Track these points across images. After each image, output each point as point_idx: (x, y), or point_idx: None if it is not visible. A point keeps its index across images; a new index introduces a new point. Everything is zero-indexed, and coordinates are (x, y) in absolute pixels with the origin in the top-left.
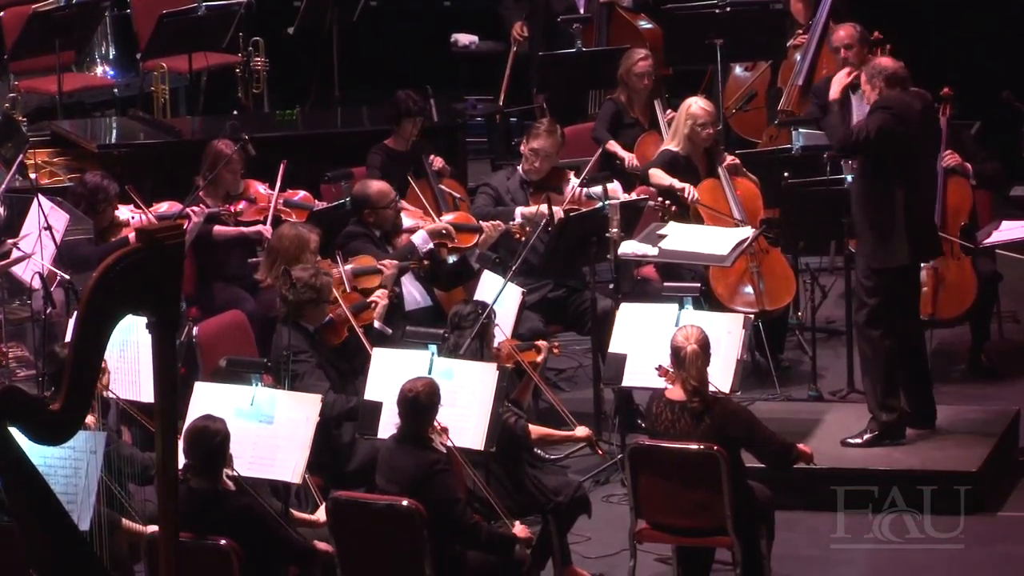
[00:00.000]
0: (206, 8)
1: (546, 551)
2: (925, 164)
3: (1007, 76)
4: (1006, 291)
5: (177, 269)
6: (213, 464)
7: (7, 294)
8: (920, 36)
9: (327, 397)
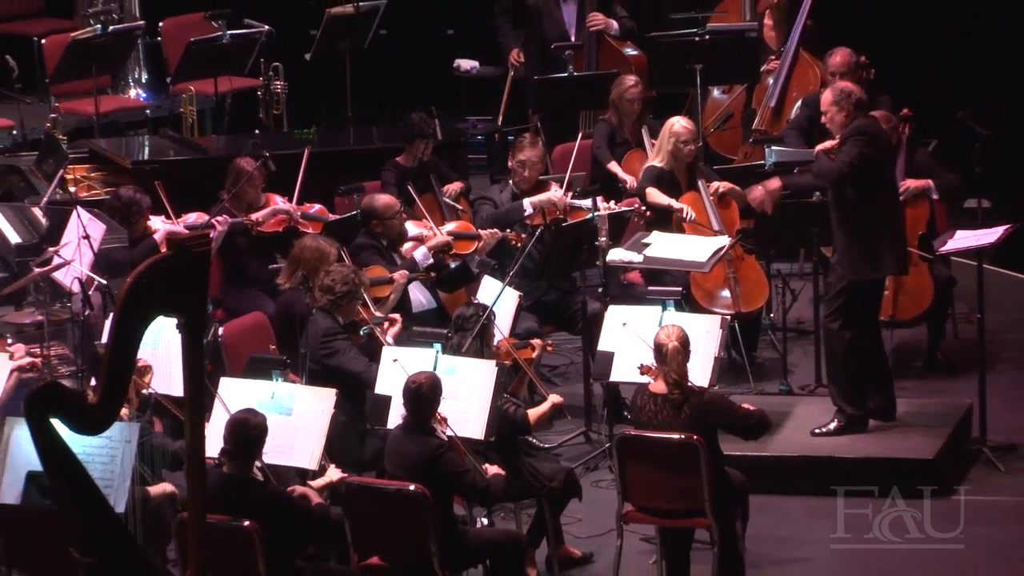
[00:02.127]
0: (230, 36)
1: (541, 531)
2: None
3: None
4: (960, 294)
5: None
6: (248, 453)
7: (49, 297)
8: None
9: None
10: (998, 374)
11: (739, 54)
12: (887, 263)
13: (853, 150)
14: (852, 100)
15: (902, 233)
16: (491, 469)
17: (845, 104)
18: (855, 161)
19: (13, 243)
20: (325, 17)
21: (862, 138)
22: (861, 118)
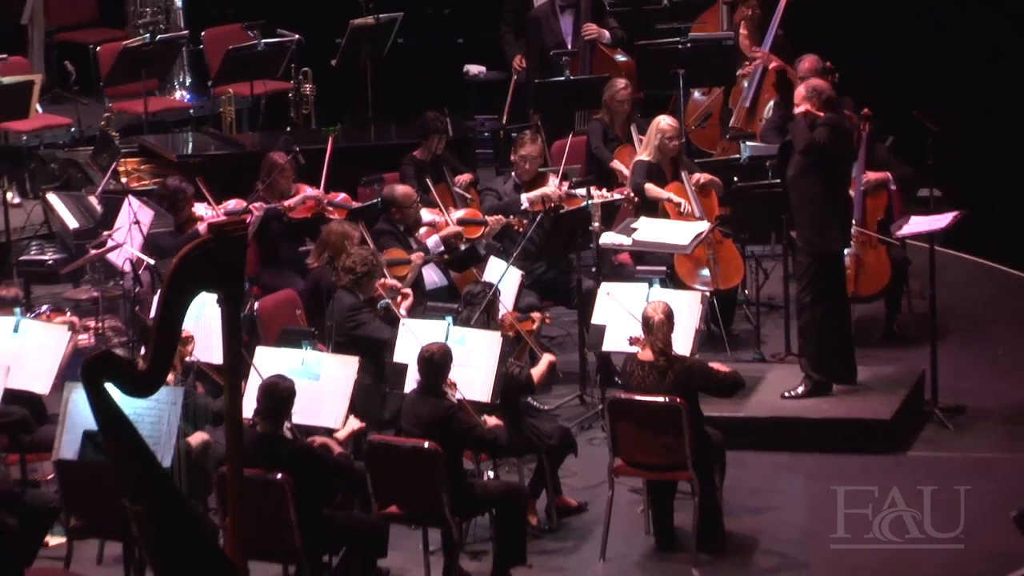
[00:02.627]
0: (264, 44)
1: (540, 483)
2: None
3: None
4: (914, 273)
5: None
6: (278, 413)
7: (103, 276)
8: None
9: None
10: (948, 344)
11: (717, 60)
12: (835, 238)
13: (822, 135)
14: (823, 97)
15: (848, 215)
16: (490, 420)
17: (814, 99)
18: (822, 142)
19: (72, 228)
20: (349, 28)
21: (828, 128)
22: (832, 114)
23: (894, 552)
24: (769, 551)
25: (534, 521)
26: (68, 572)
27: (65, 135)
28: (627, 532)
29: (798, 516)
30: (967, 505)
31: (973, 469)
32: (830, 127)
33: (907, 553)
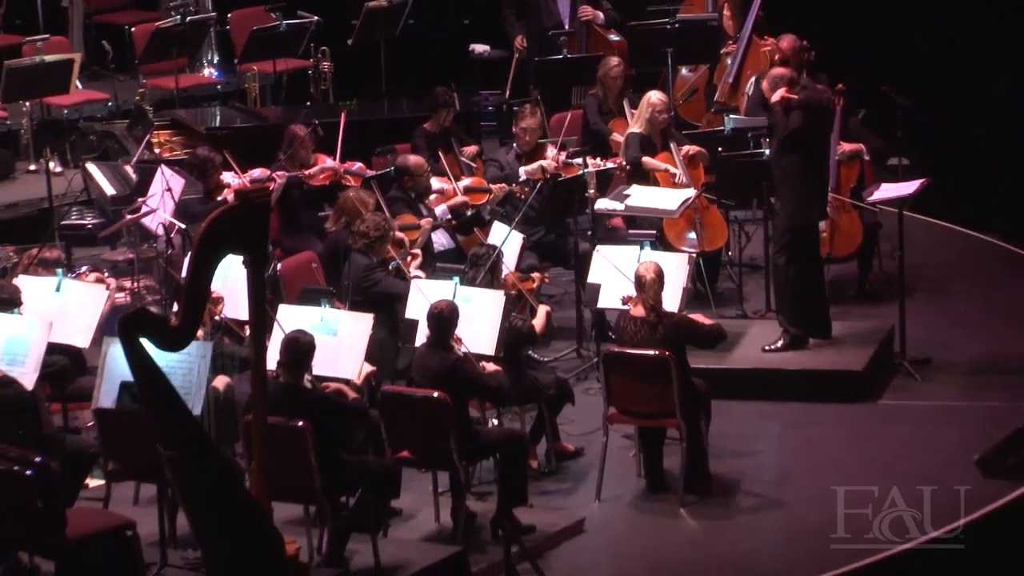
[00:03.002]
0: (286, 25)
1: (540, 430)
2: (827, 142)
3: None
4: (884, 236)
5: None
6: (299, 365)
7: (138, 239)
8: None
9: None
10: (915, 301)
11: (703, 39)
12: (815, 211)
13: (797, 120)
14: (785, 80)
15: (826, 187)
16: (488, 367)
17: (781, 84)
18: (800, 127)
19: (109, 194)
20: (364, 10)
21: (803, 111)
22: (809, 90)
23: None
24: (750, 492)
25: (535, 465)
26: (107, 512)
27: (103, 109)
28: (620, 475)
29: (777, 460)
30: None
31: (939, 416)
32: (805, 108)
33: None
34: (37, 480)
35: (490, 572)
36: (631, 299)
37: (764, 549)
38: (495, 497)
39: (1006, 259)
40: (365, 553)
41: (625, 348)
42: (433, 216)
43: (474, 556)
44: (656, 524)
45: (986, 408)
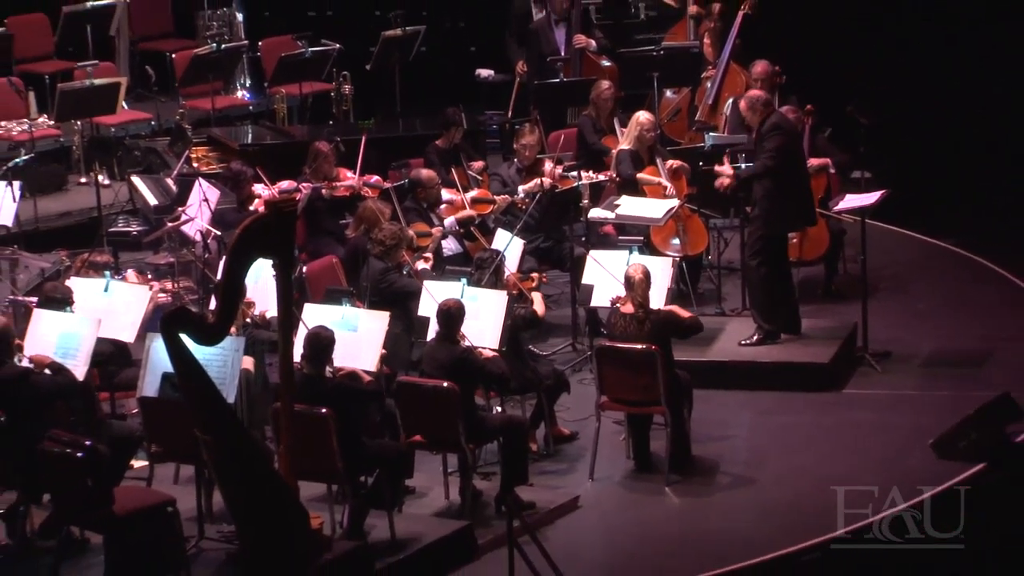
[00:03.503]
0: (311, 52)
1: (539, 416)
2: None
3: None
4: (849, 242)
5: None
6: (321, 358)
7: (178, 244)
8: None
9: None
10: (876, 300)
11: (685, 65)
12: (797, 219)
13: (771, 144)
14: (761, 103)
15: (809, 195)
16: (487, 352)
17: (758, 107)
18: (775, 154)
19: (152, 204)
20: (381, 38)
21: (778, 133)
22: (775, 114)
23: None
24: (728, 472)
25: (534, 448)
26: (150, 490)
27: (146, 127)
28: (611, 457)
29: (752, 443)
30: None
31: (897, 404)
32: (780, 130)
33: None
34: (87, 461)
35: (494, 544)
36: (620, 299)
37: (740, 523)
38: (499, 477)
39: (958, 262)
40: (382, 527)
41: (615, 342)
42: (443, 225)
43: (480, 530)
44: (643, 501)
45: (940, 397)
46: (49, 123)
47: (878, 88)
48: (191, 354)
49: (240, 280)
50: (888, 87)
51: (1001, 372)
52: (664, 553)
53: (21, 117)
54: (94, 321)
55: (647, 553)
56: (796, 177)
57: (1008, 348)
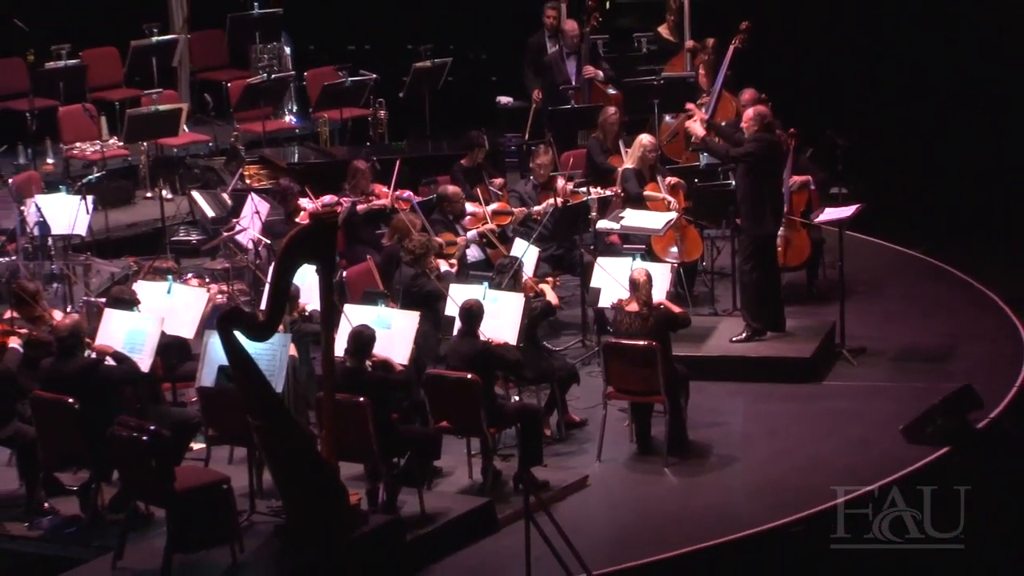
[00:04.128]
0: (351, 81)
1: (552, 405)
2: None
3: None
4: (828, 250)
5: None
6: (363, 352)
7: (233, 252)
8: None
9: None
10: (852, 302)
11: (683, 92)
12: (769, 223)
13: (750, 147)
14: (763, 120)
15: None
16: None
17: (759, 121)
18: (747, 154)
19: (209, 216)
20: (412, 69)
21: (758, 143)
22: (765, 133)
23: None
24: (720, 454)
25: (548, 433)
26: (207, 469)
27: (204, 148)
28: (616, 441)
29: (742, 428)
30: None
31: (871, 394)
32: (758, 142)
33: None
34: (152, 444)
35: (513, 518)
36: (623, 300)
37: (731, 499)
38: (516, 458)
39: (926, 269)
40: (412, 503)
41: (621, 339)
42: (467, 235)
43: (500, 505)
44: (645, 480)
45: (910, 388)
46: (119, 144)
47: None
48: (244, 349)
49: (287, 283)
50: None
51: (964, 366)
52: (663, 526)
53: (94, 139)
54: (158, 320)
55: (648, 526)
56: (770, 190)
57: (970, 345)
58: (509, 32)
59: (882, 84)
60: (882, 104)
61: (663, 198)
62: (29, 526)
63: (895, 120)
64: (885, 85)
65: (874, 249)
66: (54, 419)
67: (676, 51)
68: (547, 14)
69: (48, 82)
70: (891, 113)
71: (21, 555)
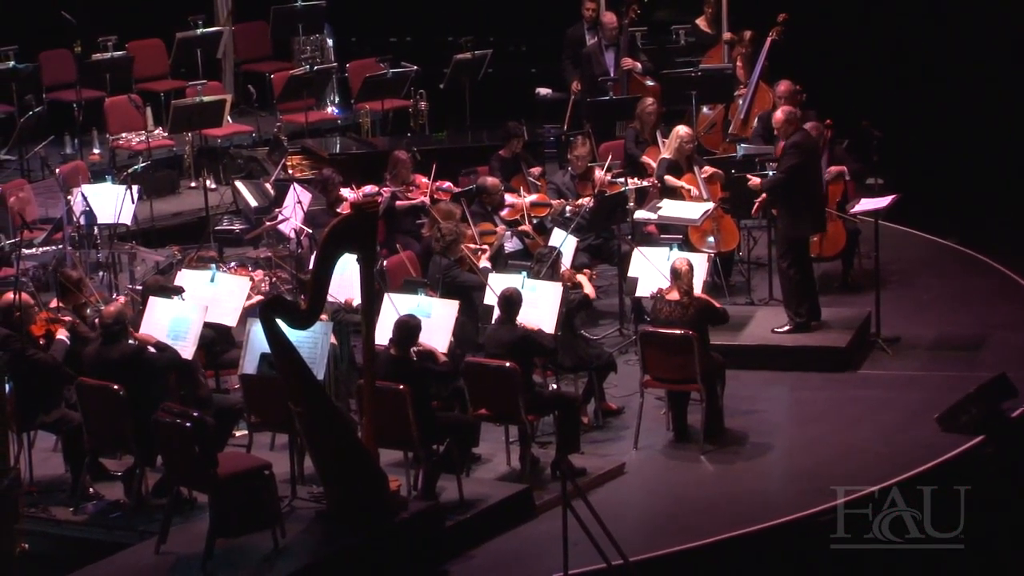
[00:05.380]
0: (392, 73)
1: (590, 392)
2: (817, 173)
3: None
4: (863, 240)
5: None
6: (407, 342)
7: (275, 240)
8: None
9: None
10: (887, 292)
11: (720, 84)
12: (806, 226)
13: (787, 163)
14: (795, 121)
15: (820, 206)
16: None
17: (792, 121)
18: (788, 172)
19: (253, 206)
20: (453, 61)
21: (794, 152)
22: (798, 132)
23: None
24: (756, 442)
25: (585, 420)
26: (249, 455)
27: (248, 139)
28: (653, 428)
29: (777, 417)
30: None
31: (906, 383)
32: (797, 148)
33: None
34: (195, 431)
35: (550, 505)
36: (663, 289)
37: (766, 487)
38: (554, 445)
39: (960, 258)
40: (452, 489)
41: (659, 328)
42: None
43: (537, 492)
44: (681, 467)
45: (943, 377)
46: (164, 134)
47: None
48: (286, 337)
49: (329, 273)
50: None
51: (997, 355)
52: (699, 513)
53: (140, 129)
54: (201, 308)
55: (684, 513)
56: (809, 191)
57: (1004, 334)
58: (548, 24)
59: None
60: (917, 94)
61: (682, 185)
62: (74, 511)
63: (930, 110)
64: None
65: (909, 239)
66: (99, 405)
67: (714, 43)
68: (586, 6)
69: (95, 74)
70: (926, 103)
71: (66, 539)
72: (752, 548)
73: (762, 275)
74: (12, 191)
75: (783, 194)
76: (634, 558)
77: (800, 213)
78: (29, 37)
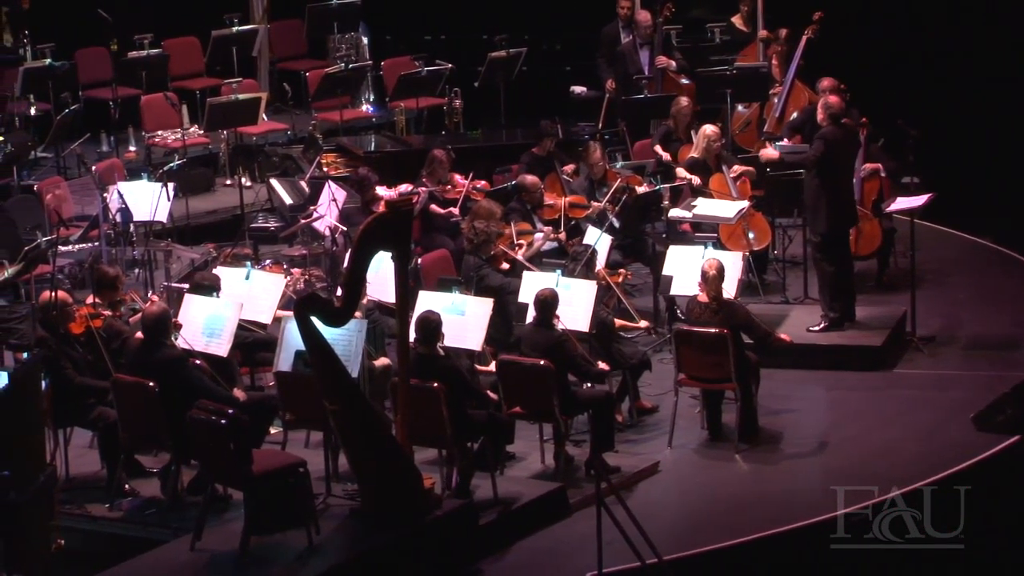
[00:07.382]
0: (427, 71)
1: (625, 391)
2: (849, 168)
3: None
4: (898, 239)
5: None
6: (432, 338)
7: (310, 238)
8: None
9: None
10: (923, 291)
11: (755, 82)
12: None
13: (817, 150)
14: (830, 111)
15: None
16: (601, 365)
17: (825, 111)
18: (814, 157)
19: (288, 203)
20: (487, 59)
21: (822, 141)
22: (830, 125)
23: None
24: (791, 441)
25: (620, 419)
26: (284, 452)
27: (283, 137)
28: (688, 427)
29: (812, 416)
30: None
31: (941, 382)
32: (825, 140)
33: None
34: (230, 428)
35: (584, 503)
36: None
37: (801, 486)
38: (588, 444)
39: (996, 257)
40: (486, 487)
41: (692, 327)
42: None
43: (572, 491)
44: (715, 466)
45: (979, 376)
46: (199, 132)
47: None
48: (320, 334)
49: (363, 270)
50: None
51: None
52: (734, 512)
53: (175, 127)
54: (236, 305)
55: (718, 512)
56: (837, 184)
57: None
58: (583, 22)
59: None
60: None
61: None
62: (110, 507)
63: (966, 109)
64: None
65: (945, 238)
66: (135, 402)
67: (749, 41)
68: (621, 4)
69: (131, 71)
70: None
71: (102, 535)
72: (786, 547)
73: (796, 273)
74: (48, 189)
75: (810, 189)
76: (668, 557)
77: (825, 209)
78: (65, 35)
